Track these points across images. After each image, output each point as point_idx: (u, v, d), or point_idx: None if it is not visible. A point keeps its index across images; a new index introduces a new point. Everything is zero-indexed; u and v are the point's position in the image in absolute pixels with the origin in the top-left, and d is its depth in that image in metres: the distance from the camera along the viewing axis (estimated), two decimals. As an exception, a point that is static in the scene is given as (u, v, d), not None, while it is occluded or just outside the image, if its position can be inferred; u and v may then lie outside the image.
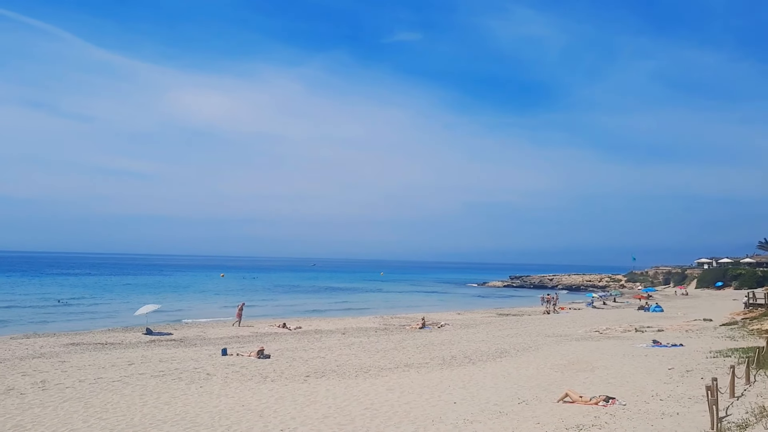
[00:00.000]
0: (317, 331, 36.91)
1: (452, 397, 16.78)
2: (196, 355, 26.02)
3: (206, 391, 18.16)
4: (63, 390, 18.19)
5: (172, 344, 29.88)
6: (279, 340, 32.00)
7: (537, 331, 36.15)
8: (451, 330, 37.94)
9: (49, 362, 23.54)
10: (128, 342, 30.62)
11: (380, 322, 43.81)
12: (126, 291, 78.72)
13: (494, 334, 34.65)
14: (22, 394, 17.64)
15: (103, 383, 19.26)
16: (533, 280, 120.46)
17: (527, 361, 23.59)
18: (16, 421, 14.48)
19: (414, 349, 27.94)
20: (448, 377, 20.26)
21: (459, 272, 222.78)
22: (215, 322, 43.21)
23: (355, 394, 17.37)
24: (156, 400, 16.73)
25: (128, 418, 14.72)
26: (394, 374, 21.11)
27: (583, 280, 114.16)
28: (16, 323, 41.06)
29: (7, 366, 22.60)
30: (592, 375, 20.05)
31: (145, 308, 37.30)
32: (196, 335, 34.09)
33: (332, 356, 25.69)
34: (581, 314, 52.27)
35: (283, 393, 17.74)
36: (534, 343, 30.09)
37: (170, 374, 20.98)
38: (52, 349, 27.53)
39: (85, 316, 47.63)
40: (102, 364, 23.06)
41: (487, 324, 42.15)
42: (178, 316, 47.33)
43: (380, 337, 33.41)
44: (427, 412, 14.90)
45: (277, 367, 22.64)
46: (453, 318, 47.43)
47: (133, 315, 39.08)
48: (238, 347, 28.18)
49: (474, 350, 27.44)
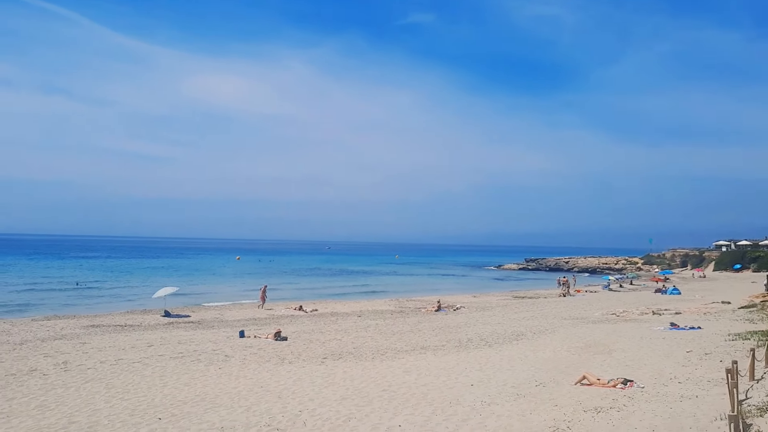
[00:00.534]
0: (333, 313, 37.11)
1: (469, 379, 16.82)
2: (214, 337, 26.28)
3: (225, 372, 18.35)
4: (85, 371, 18.46)
5: (190, 326, 30.20)
6: (295, 322, 32.22)
7: (553, 314, 36.08)
8: (466, 313, 37.98)
9: (70, 344, 23.89)
10: (147, 324, 30.99)
11: (396, 304, 43.94)
12: (144, 274, 79.57)
13: (510, 317, 34.63)
14: (45, 374, 17.94)
15: (123, 364, 19.53)
16: (549, 262, 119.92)
17: (544, 344, 23.56)
18: (40, 401, 14.73)
19: (430, 332, 28.01)
20: (464, 360, 20.30)
21: (474, 255, 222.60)
22: (232, 305, 43.61)
23: (372, 376, 17.46)
24: (176, 381, 16.94)
25: (149, 398, 14.92)
26: (410, 356, 21.19)
27: (599, 262, 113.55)
28: (37, 305, 41.68)
29: (29, 347, 22.98)
30: (609, 358, 19.99)
31: (163, 291, 37.68)
32: (214, 317, 34.41)
33: (349, 338, 25.83)
34: (597, 297, 52.09)
35: (300, 375, 17.87)
36: (550, 325, 30.04)
37: (189, 356, 21.22)
38: (72, 330, 27.93)
39: (104, 298, 48.27)
40: (122, 346, 23.37)
41: (503, 307, 42.14)
42: (196, 299, 47.79)
43: (396, 320, 33.52)
44: (445, 394, 14.95)
45: (294, 349, 22.81)
46: (468, 301, 47.48)
47: (152, 297, 39.50)
48: (255, 329, 28.42)
49: (490, 333, 27.46)
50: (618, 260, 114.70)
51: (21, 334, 26.61)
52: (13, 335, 26.13)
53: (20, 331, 27.33)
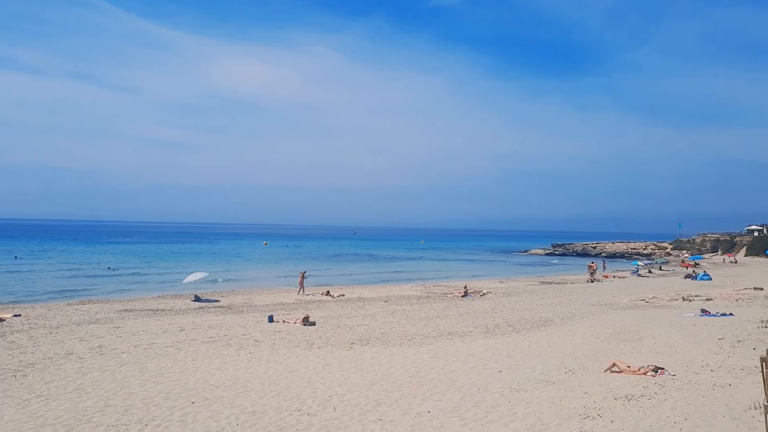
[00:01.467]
0: (360, 298, 37.32)
1: (497, 365, 16.82)
2: (244, 321, 26.63)
3: (255, 357, 18.61)
4: (119, 355, 18.88)
5: (220, 311, 30.63)
6: (323, 307, 32.47)
7: (581, 300, 35.83)
8: (493, 298, 37.90)
9: (104, 328, 24.42)
10: (178, 309, 31.50)
11: (422, 290, 44.03)
12: (173, 259, 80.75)
13: (537, 303, 34.48)
14: (81, 358, 18.38)
15: (156, 348, 19.92)
16: (576, 247, 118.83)
17: (572, 330, 23.44)
18: (77, 384, 15.12)
19: (457, 318, 28.04)
20: (492, 346, 20.30)
21: (499, 240, 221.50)
22: (260, 290, 44.08)
23: (400, 362, 17.56)
24: (208, 366, 17.23)
25: (182, 382, 15.22)
26: (438, 342, 21.25)
27: (627, 247, 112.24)
28: (72, 290, 42.60)
29: (65, 331, 23.55)
30: (639, 344, 19.81)
31: (194, 276, 38.24)
32: (243, 302, 34.84)
33: (376, 324, 25.98)
34: (626, 282, 51.54)
35: (329, 360, 18.05)
36: (579, 311, 29.85)
37: (220, 340, 21.55)
38: (106, 315, 28.52)
39: (135, 283, 49.14)
40: (154, 330, 23.82)
41: (530, 292, 41.96)
42: (225, 284, 48.46)
43: (423, 305, 33.60)
44: (473, 380, 14.98)
45: (322, 335, 23.02)
46: (495, 286, 47.34)
47: (182, 282, 40.14)
48: (283, 314, 28.72)
49: (517, 319, 27.39)
50: (647, 245, 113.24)
51: (57, 318, 27.27)
52: (49, 319, 26.79)
53: (56, 316, 28.01)
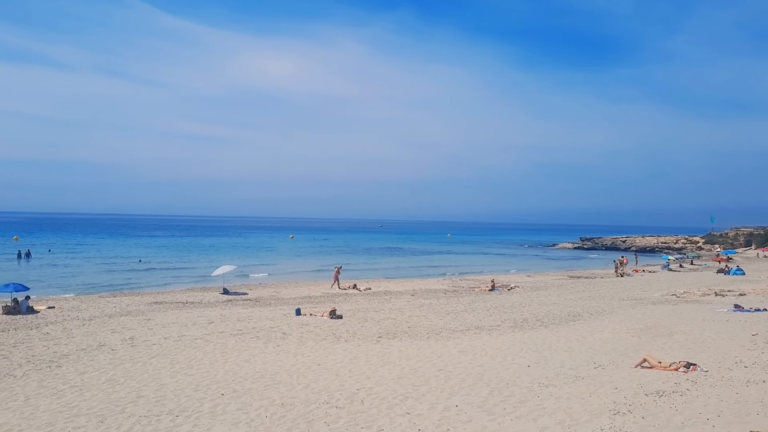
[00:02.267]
0: (387, 292, 37.35)
1: (526, 360, 16.71)
2: (271, 314, 26.85)
3: (283, 349, 18.75)
4: (150, 346, 19.18)
5: (248, 304, 30.92)
6: (350, 300, 32.58)
7: (610, 294, 35.40)
8: (521, 292, 37.65)
9: (135, 320, 24.82)
10: (207, 301, 31.88)
11: (449, 283, 43.92)
12: (202, 252, 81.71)
13: (566, 297, 34.16)
14: (113, 349, 18.72)
15: (186, 340, 20.19)
16: (605, 241, 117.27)
17: (602, 325, 23.17)
18: (110, 375, 15.40)
19: (484, 312, 27.91)
20: (520, 340, 20.17)
21: (527, 234, 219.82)
22: (288, 282, 44.39)
23: (427, 356, 17.54)
24: (236, 358, 17.42)
25: (212, 374, 15.40)
26: (465, 336, 21.18)
27: (657, 241, 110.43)
28: (103, 283, 43.38)
29: (98, 323, 24.00)
30: (670, 340, 19.51)
31: (222, 269, 38.63)
32: (270, 295, 35.12)
33: (403, 317, 25.98)
34: (656, 277, 50.78)
35: (356, 353, 18.11)
36: (608, 306, 29.50)
37: (248, 333, 21.76)
38: (137, 307, 28.99)
39: (165, 275, 49.83)
40: (184, 322, 24.14)
41: (558, 287, 41.58)
42: (253, 277, 48.89)
43: (450, 299, 33.51)
44: (501, 374, 14.91)
45: (349, 328, 23.10)
46: (523, 280, 47.03)
47: (211, 275, 40.59)
48: (311, 307, 28.89)
49: (546, 313, 27.17)
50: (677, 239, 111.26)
51: (90, 310, 27.80)
52: (82, 311, 27.33)
53: (89, 308, 28.56)
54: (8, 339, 20.54)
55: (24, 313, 26.51)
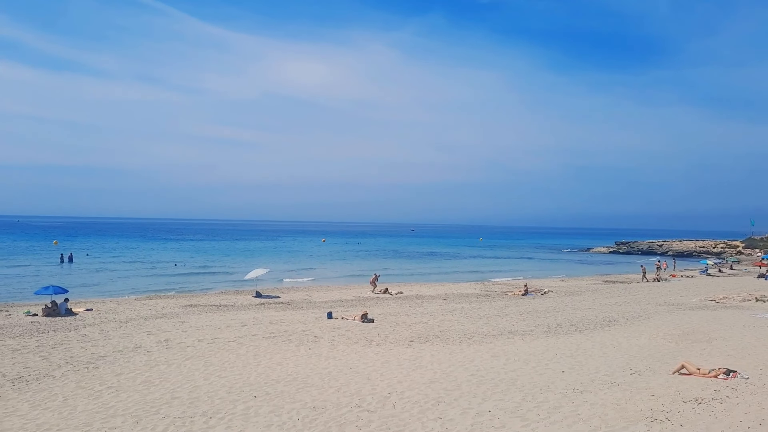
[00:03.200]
0: (418, 296, 37.24)
1: (560, 365, 16.47)
2: (303, 317, 26.97)
3: (315, 353, 18.80)
4: (184, 349, 19.41)
5: (281, 307, 31.12)
6: (381, 304, 32.55)
7: (647, 299, 34.73)
8: (554, 297, 37.18)
9: (170, 322, 25.17)
10: (240, 304, 32.18)
11: (481, 288, 43.60)
12: (235, 255, 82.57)
13: (601, 302, 33.62)
14: (149, 351, 19.00)
15: (220, 343, 20.39)
16: (641, 245, 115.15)
17: (638, 331, 22.73)
18: (145, 377, 15.62)
19: (517, 316, 27.62)
20: (554, 345, 19.90)
21: (560, 238, 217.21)
22: (320, 286, 44.59)
23: (459, 360, 17.41)
24: (269, 361, 17.52)
25: (245, 376, 15.52)
26: (498, 341, 20.98)
27: (695, 246, 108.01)
28: (139, 285, 44.12)
29: (133, 325, 24.40)
30: (709, 346, 19.06)
31: (255, 272, 38.96)
32: (302, 298, 35.30)
33: (435, 322, 25.86)
34: (695, 282, 49.68)
35: (388, 357, 18.06)
36: (644, 311, 28.94)
37: (280, 336, 21.89)
38: (172, 310, 29.40)
39: (199, 279, 50.47)
40: (218, 325, 24.40)
41: (593, 291, 40.96)
42: (285, 280, 49.22)
43: (482, 304, 33.26)
44: (535, 380, 14.72)
45: (381, 332, 23.07)
46: (556, 285, 46.45)
47: (244, 278, 40.97)
48: (342, 311, 28.94)
49: (580, 318, 26.77)
50: (716, 243, 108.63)
51: (126, 312, 28.29)
52: (119, 314, 27.82)
53: (125, 310, 29.06)
54: (48, 340, 21.01)
55: (63, 315, 27.11)
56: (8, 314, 27.44)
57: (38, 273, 51.18)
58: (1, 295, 36.59)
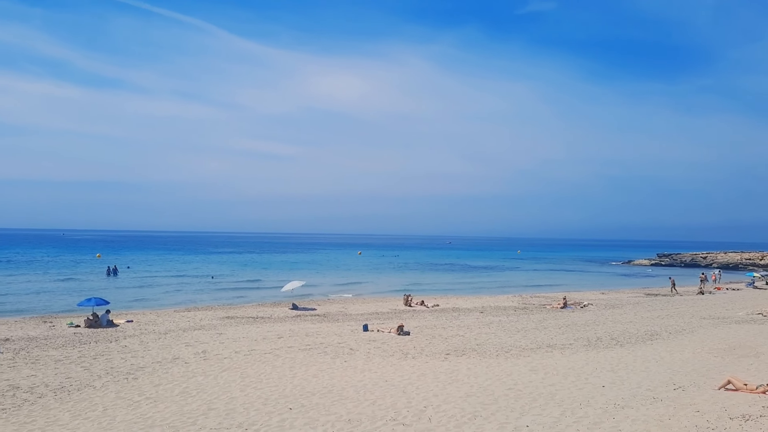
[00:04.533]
0: (455, 309, 36.93)
1: (600, 380, 16.09)
2: (339, 330, 26.96)
3: (350, 365, 18.74)
4: (221, 360, 19.57)
5: (317, 319, 31.20)
6: (417, 317, 32.37)
7: (691, 313, 33.79)
8: (595, 310, 36.46)
9: (208, 334, 25.44)
10: (276, 316, 32.36)
11: (519, 301, 43.03)
12: (271, 268, 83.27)
13: (642, 315, 32.82)
14: (187, 362, 19.20)
15: (256, 355, 20.50)
16: (684, 257, 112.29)
17: (681, 345, 22.10)
18: (183, 388, 15.78)
19: (556, 329, 27.14)
20: (594, 359, 19.46)
21: (600, 250, 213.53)
22: (355, 298, 44.60)
23: (497, 374, 17.15)
24: (304, 373, 17.53)
25: (280, 388, 15.54)
26: (536, 355, 20.62)
27: (741, 258, 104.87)
28: (178, 297, 44.79)
29: (172, 337, 24.73)
30: (756, 361, 18.41)
31: (291, 284, 39.21)
32: (338, 311, 35.33)
33: (471, 335, 25.57)
34: (741, 295, 48.19)
35: (424, 370, 17.90)
36: (688, 325, 28.15)
37: (316, 348, 21.90)
38: (210, 322, 29.72)
39: (236, 291, 50.97)
40: (254, 337, 24.55)
41: (634, 304, 40.04)
42: (321, 292, 49.38)
43: (520, 317, 32.80)
44: (574, 394, 14.39)
45: (417, 344, 22.90)
46: (596, 297, 45.58)
47: (280, 291, 41.26)
48: (378, 323, 28.85)
49: (621, 332, 26.16)
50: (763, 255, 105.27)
51: (165, 324, 28.71)
52: (158, 325, 28.25)
53: (164, 322, 29.50)
54: (89, 351, 21.43)
55: (104, 327, 27.65)
56: (52, 325, 28.12)
57: (85, 285, 52.36)
58: (47, 306, 37.54)
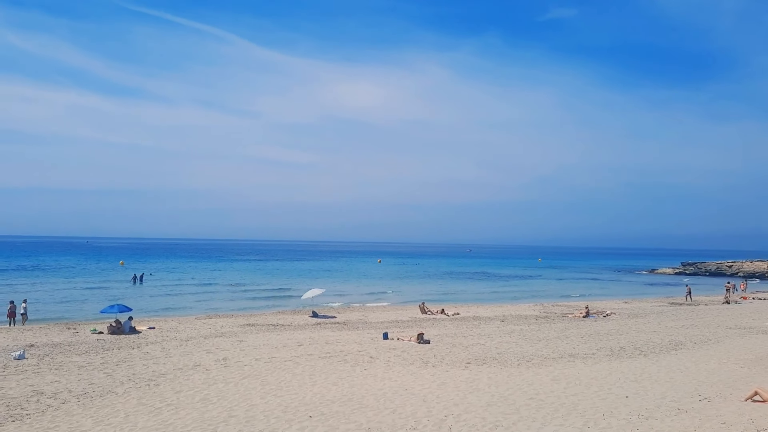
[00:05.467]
0: (476, 317, 36.71)
1: (623, 390, 15.85)
2: (359, 338, 26.92)
3: (370, 373, 18.69)
4: (242, 367, 19.62)
5: (336, 327, 31.19)
6: (438, 325, 32.22)
7: (716, 323, 33.22)
8: (617, 319, 36.01)
9: (228, 341, 25.54)
10: (296, 324, 32.42)
11: (540, 309, 42.66)
12: (291, 275, 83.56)
13: (666, 325, 32.34)
14: (207, 369, 19.28)
15: (276, 362, 20.53)
16: (709, 266, 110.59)
17: (707, 355, 21.72)
18: (203, 394, 15.83)
19: (578, 339, 26.84)
20: (617, 369, 19.20)
21: (623, 258, 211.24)
22: (375, 306, 44.55)
23: (518, 383, 16.99)
24: (324, 381, 17.51)
25: (300, 396, 15.53)
26: (558, 364, 20.39)
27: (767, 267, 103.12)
28: (199, 304, 45.10)
29: (194, 344, 24.87)
30: (785, 373, 18.02)
31: (311, 292, 39.30)
32: (358, 319, 35.30)
33: (492, 343, 25.38)
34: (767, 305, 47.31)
35: (444, 379, 17.78)
36: (714, 335, 27.67)
37: (336, 356, 21.88)
38: (230, 329, 29.86)
39: (257, 298, 51.22)
40: (274, 344, 24.60)
41: (658, 314, 39.48)
42: (341, 300, 49.41)
43: (541, 326, 32.49)
44: (597, 405, 14.19)
45: (437, 353, 22.78)
46: (619, 307, 45.04)
47: (300, 298, 41.34)
48: (398, 332, 28.75)
49: (645, 341, 25.79)
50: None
51: (187, 331, 28.90)
52: (180, 332, 28.44)
53: (186, 329, 29.70)
54: (112, 357, 21.62)
55: (127, 333, 27.89)
56: (75, 332, 28.44)
57: (110, 293, 52.94)
58: (71, 313, 38.01)
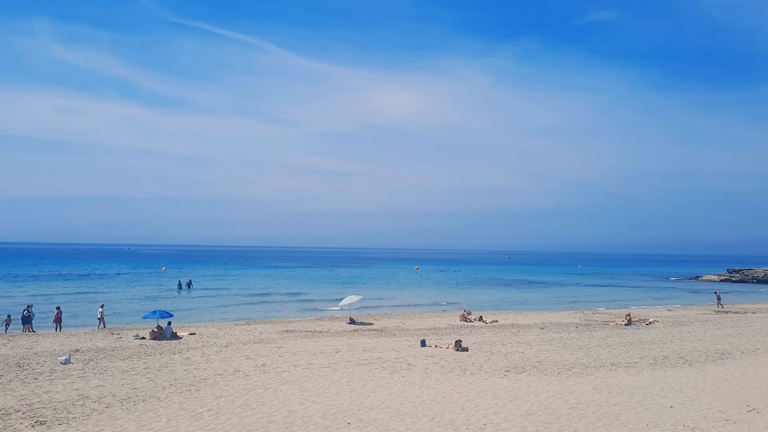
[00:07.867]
0: (514, 325, 36.31)
1: (668, 400, 15.47)
2: (397, 345, 26.87)
3: (408, 381, 18.63)
4: (281, 373, 19.78)
5: (374, 334, 31.20)
6: (476, 333, 31.96)
7: (765, 331, 32.21)
8: (660, 327, 35.18)
9: (267, 347, 25.78)
10: (334, 331, 32.54)
11: (581, 317, 41.96)
12: (330, 282, 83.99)
13: (712, 333, 31.48)
14: (247, 375, 19.49)
15: (314, 369, 20.63)
16: (756, 273, 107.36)
17: (755, 365, 21.06)
18: (243, 400, 16.00)
19: (620, 347, 26.31)
20: (660, 378, 18.75)
21: (666, 265, 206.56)
22: (413, 313, 44.42)
23: (558, 392, 16.72)
24: (362, 387, 17.52)
25: (338, 403, 15.56)
26: (599, 373, 20.02)
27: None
28: (239, 311, 45.65)
29: (233, 349, 25.17)
30: (840, 384, 17.35)
31: (349, 299, 39.39)
32: (396, 326, 35.25)
33: (531, 351, 25.06)
34: (819, 313, 45.64)
35: (483, 387, 17.62)
36: (762, 344, 26.82)
37: (374, 363, 21.88)
38: (269, 335, 30.13)
39: (295, 305, 51.59)
40: (312, 351, 24.74)
41: (703, 322, 38.46)
42: (378, 307, 49.43)
43: (582, 333, 31.96)
44: (640, 415, 13.87)
45: (475, 360, 22.59)
46: (662, 314, 44.01)
47: (338, 305, 41.50)
48: (436, 339, 28.62)
49: (689, 350, 25.15)
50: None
51: (226, 337, 29.27)
52: (219, 338, 28.83)
53: (225, 335, 30.08)
54: (154, 363, 22.03)
55: (168, 339, 28.40)
56: (119, 337, 29.08)
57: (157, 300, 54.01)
58: (115, 319, 38.86)
